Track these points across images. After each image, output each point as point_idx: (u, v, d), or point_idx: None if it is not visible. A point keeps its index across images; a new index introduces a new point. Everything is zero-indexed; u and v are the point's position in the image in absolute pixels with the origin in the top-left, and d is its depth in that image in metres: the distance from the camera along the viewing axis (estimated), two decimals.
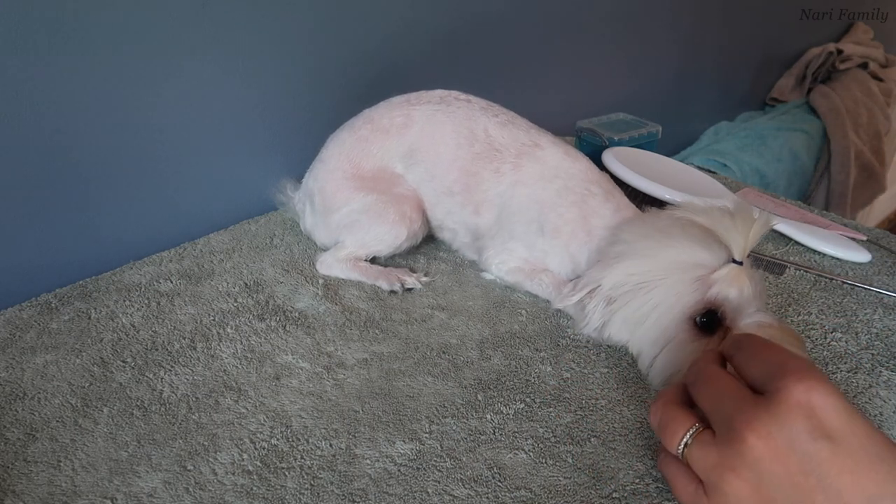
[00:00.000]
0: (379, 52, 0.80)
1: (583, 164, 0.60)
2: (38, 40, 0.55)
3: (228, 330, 0.55)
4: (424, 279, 0.62)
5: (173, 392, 0.48)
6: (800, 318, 0.55)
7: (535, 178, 0.59)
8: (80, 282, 0.62)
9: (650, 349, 0.48)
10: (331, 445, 0.43)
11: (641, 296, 0.48)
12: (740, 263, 0.45)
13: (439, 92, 0.65)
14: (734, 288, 0.45)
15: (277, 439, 0.44)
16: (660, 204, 0.62)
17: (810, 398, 0.30)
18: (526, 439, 0.44)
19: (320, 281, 0.62)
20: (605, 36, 1.14)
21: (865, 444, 0.29)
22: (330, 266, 0.63)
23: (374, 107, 0.65)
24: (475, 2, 0.88)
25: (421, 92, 0.65)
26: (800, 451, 0.30)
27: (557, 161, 0.59)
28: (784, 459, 0.30)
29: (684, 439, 0.35)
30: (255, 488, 0.40)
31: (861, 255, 0.64)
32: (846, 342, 0.52)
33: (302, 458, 0.42)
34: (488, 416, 0.46)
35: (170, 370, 0.50)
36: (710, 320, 0.46)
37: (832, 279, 0.61)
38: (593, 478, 0.41)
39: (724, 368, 0.37)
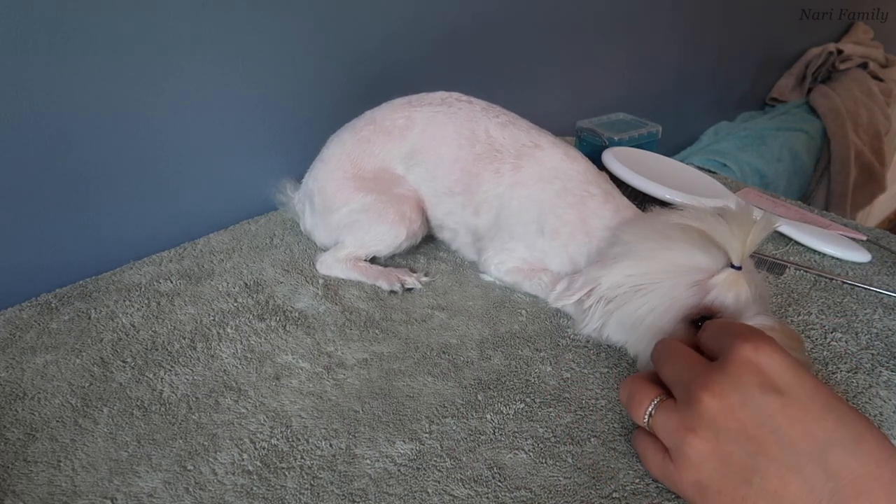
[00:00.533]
0: (379, 52, 0.80)
1: (582, 165, 0.60)
2: (39, 40, 0.55)
3: (228, 330, 0.55)
4: (424, 279, 0.62)
5: (173, 392, 0.48)
6: (800, 318, 0.55)
7: (535, 179, 0.59)
8: (80, 282, 0.62)
9: (647, 351, 0.48)
10: (331, 445, 0.43)
11: (638, 298, 0.48)
12: (738, 268, 0.45)
13: (441, 94, 0.65)
14: (731, 293, 0.45)
15: (277, 439, 0.44)
16: (661, 204, 0.62)
17: (758, 357, 0.33)
18: (526, 439, 0.44)
19: (320, 281, 0.62)
20: (605, 36, 1.14)
21: (813, 395, 0.32)
22: (330, 266, 0.63)
23: (375, 108, 0.65)
24: (475, 2, 0.88)
25: (422, 93, 0.65)
26: (752, 406, 0.32)
27: (557, 162, 0.59)
28: (738, 414, 0.32)
29: (649, 409, 0.37)
30: (255, 488, 0.40)
31: (861, 255, 0.64)
32: (846, 342, 0.52)
33: (302, 458, 0.42)
34: (488, 416, 0.46)
35: (170, 370, 0.50)
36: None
37: (832, 279, 0.61)
38: (593, 478, 0.41)
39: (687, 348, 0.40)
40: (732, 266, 0.45)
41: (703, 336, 0.40)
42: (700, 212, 0.47)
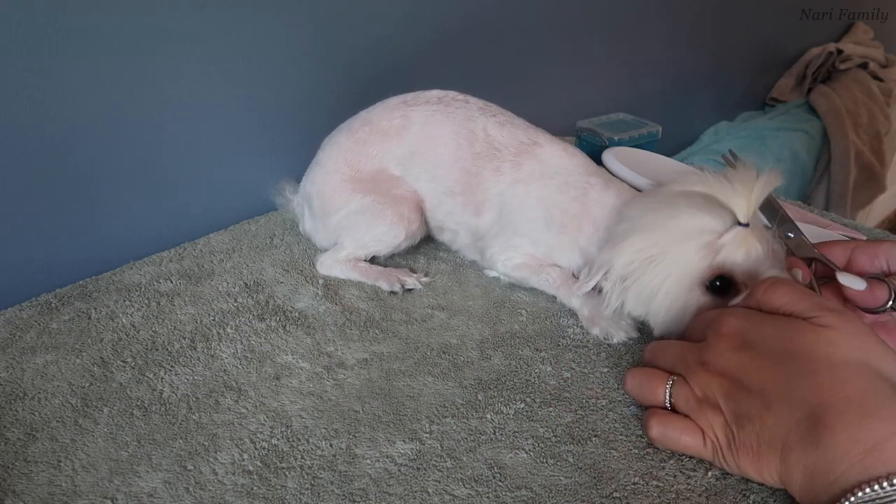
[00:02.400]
0: (378, 52, 0.80)
1: (580, 159, 0.61)
2: (39, 41, 0.55)
3: (228, 330, 0.55)
4: (424, 279, 0.62)
5: (173, 392, 0.48)
6: None
7: (536, 175, 0.59)
8: (80, 282, 0.62)
9: (665, 320, 0.49)
10: (331, 445, 0.43)
11: (651, 269, 0.48)
12: (746, 225, 0.45)
13: (436, 92, 0.64)
14: (742, 251, 0.45)
15: (277, 439, 0.44)
16: None
17: (728, 327, 0.40)
18: (526, 439, 0.43)
19: (320, 281, 0.62)
20: (606, 36, 1.14)
21: (773, 345, 0.38)
22: (329, 267, 0.63)
23: (370, 108, 0.65)
24: (475, 2, 0.88)
25: (418, 92, 0.65)
26: (731, 364, 0.39)
27: (556, 158, 0.60)
28: (723, 374, 0.39)
29: (667, 388, 0.42)
30: (255, 488, 0.40)
31: None
32: None
33: (302, 458, 0.42)
34: (488, 416, 0.46)
35: (170, 370, 0.50)
36: (723, 284, 0.46)
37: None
38: (594, 477, 0.41)
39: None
40: (740, 224, 0.45)
41: (686, 330, 0.47)
42: (701, 175, 0.48)
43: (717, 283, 0.47)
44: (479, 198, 0.61)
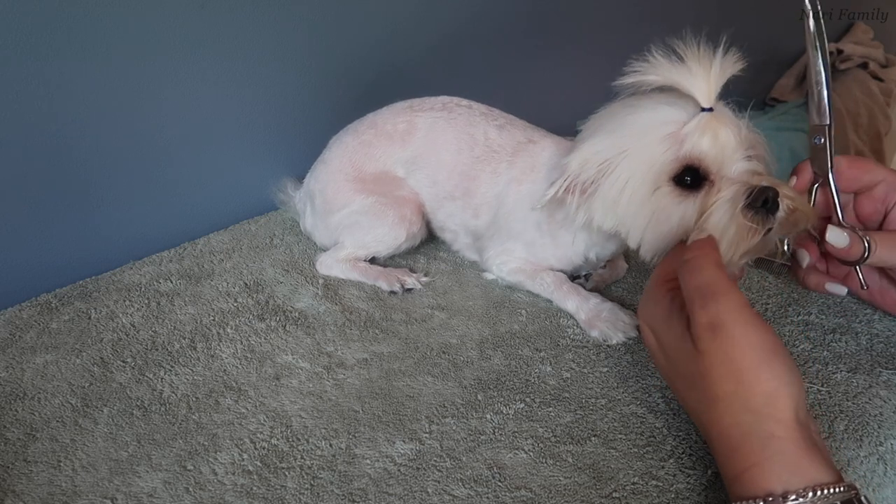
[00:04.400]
0: (379, 53, 0.80)
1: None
2: (39, 42, 0.55)
3: (228, 330, 0.55)
4: (424, 279, 0.63)
5: (173, 392, 0.48)
6: (800, 318, 0.55)
7: (527, 170, 0.59)
8: (80, 282, 0.62)
9: (636, 225, 0.46)
10: (331, 445, 0.43)
11: (611, 174, 0.45)
12: (710, 110, 0.43)
13: (442, 98, 0.65)
14: (707, 137, 0.43)
15: (277, 439, 0.44)
16: None
17: (644, 326, 0.43)
18: (526, 439, 0.44)
19: (320, 281, 0.62)
20: (606, 36, 1.14)
21: (675, 363, 0.40)
22: (329, 267, 0.64)
23: (377, 111, 0.66)
24: (475, 2, 0.88)
25: (424, 98, 0.65)
26: (656, 360, 0.42)
27: (547, 152, 0.59)
28: (668, 364, 0.41)
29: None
30: (255, 488, 0.40)
31: None
32: (846, 342, 0.52)
33: (302, 457, 0.42)
34: (488, 416, 0.46)
35: (170, 370, 0.50)
36: (694, 178, 0.44)
37: None
38: (594, 477, 0.40)
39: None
40: (703, 109, 0.43)
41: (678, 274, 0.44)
42: (654, 61, 0.44)
43: (687, 179, 0.44)
44: (477, 200, 0.61)
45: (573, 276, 0.61)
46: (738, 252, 0.43)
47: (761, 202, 0.43)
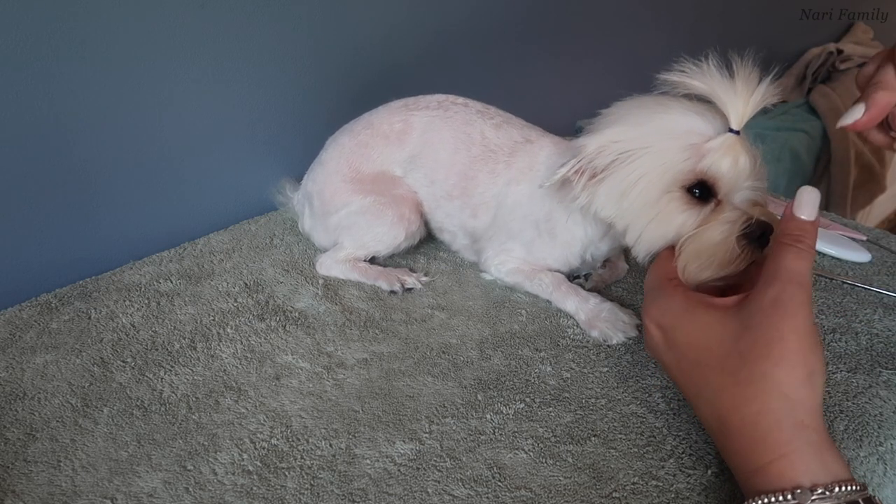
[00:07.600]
0: (378, 53, 0.80)
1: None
2: (40, 43, 0.55)
3: (228, 330, 0.55)
4: (424, 279, 0.63)
5: (173, 392, 0.48)
6: None
7: (525, 170, 0.59)
8: (80, 282, 0.62)
9: (636, 222, 0.47)
10: (331, 445, 0.43)
11: (627, 165, 0.45)
12: (737, 133, 0.43)
13: (437, 97, 0.65)
14: (728, 159, 0.43)
15: (277, 439, 0.44)
16: None
17: (651, 320, 0.43)
18: (526, 439, 0.44)
19: (320, 281, 0.62)
20: (605, 36, 1.14)
21: (689, 350, 0.40)
22: (329, 267, 0.64)
23: (372, 111, 0.65)
24: (474, 2, 0.88)
25: (419, 97, 0.65)
26: (664, 360, 0.42)
27: (545, 151, 0.59)
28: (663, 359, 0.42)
29: None
30: (255, 488, 0.40)
31: (861, 255, 0.64)
32: (846, 342, 0.52)
33: (302, 458, 0.42)
34: (488, 416, 0.46)
35: (170, 370, 0.50)
36: (703, 191, 0.45)
37: (832, 279, 0.61)
38: (593, 477, 0.41)
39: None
40: (731, 131, 0.43)
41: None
42: (704, 70, 0.44)
43: (696, 191, 0.45)
44: (475, 200, 0.61)
45: (573, 277, 0.61)
46: (710, 269, 0.44)
47: (757, 235, 0.44)
